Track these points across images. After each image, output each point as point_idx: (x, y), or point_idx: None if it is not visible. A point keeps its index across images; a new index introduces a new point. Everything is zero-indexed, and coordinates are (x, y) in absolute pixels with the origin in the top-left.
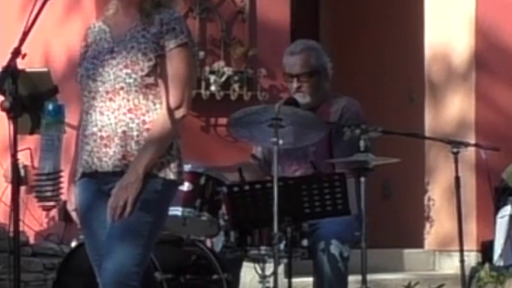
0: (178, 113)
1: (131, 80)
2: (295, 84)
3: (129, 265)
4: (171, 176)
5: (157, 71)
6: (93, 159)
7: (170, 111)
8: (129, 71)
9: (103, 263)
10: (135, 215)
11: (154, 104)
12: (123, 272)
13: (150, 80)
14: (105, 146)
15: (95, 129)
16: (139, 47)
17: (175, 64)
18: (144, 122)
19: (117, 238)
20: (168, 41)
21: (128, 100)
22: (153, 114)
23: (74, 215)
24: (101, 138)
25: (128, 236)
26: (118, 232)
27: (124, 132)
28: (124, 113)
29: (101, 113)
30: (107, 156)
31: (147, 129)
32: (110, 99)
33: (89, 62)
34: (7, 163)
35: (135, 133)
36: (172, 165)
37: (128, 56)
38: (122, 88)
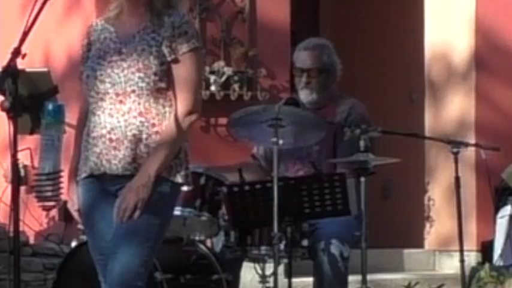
0: (191, 118)
1: (144, 84)
2: (304, 79)
3: (135, 266)
4: (179, 179)
5: (169, 75)
6: (102, 161)
7: (183, 116)
8: (141, 74)
9: (109, 264)
10: (143, 218)
11: (164, 107)
12: (130, 273)
13: (162, 84)
14: (115, 148)
15: (103, 131)
16: (150, 50)
17: (187, 68)
18: (153, 125)
19: (123, 239)
20: (180, 45)
21: (139, 103)
22: (162, 117)
23: (75, 214)
24: (110, 140)
25: (134, 237)
26: (125, 233)
27: (134, 135)
28: (134, 116)
29: (110, 115)
30: (116, 159)
31: (156, 132)
32: (120, 102)
33: (95, 62)
34: (7, 163)
35: (144, 136)
36: (180, 169)
37: (139, 59)
38: (133, 91)
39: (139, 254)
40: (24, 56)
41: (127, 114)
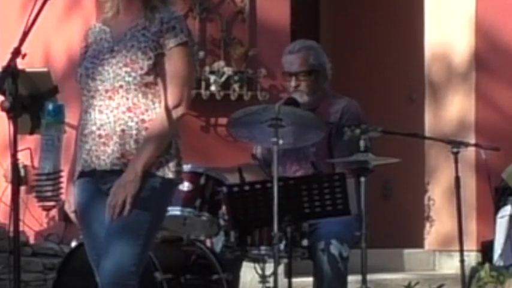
0: (177, 112)
1: (130, 79)
2: (293, 83)
3: (127, 265)
4: (170, 175)
5: (157, 69)
6: (92, 157)
7: (169, 110)
8: (128, 69)
9: (101, 262)
10: (134, 214)
11: (154, 102)
12: (122, 272)
13: (150, 78)
14: (104, 144)
15: (93, 127)
16: (139, 45)
17: (174, 63)
18: (143, 121)
19: (115, 237)
20: (167, 40)
21: (127, 99)
22: (152, 113)
23: (72, 216)
24: (100, 136)
25: (126, 235)
26: (116, 231)
27: (123, 130)
28: (123, 112)
29: (100, 112)
30: (105, 155)
31: (146, 128)
32: (110, 98)
33: (89, 62)
34: (7, 163)
35: (133, 132)
36: (171, 164)
37: (127, 54)
38: (121, 86)
39: (131, 252)
40: (24, 56)
41: (116, 109)
